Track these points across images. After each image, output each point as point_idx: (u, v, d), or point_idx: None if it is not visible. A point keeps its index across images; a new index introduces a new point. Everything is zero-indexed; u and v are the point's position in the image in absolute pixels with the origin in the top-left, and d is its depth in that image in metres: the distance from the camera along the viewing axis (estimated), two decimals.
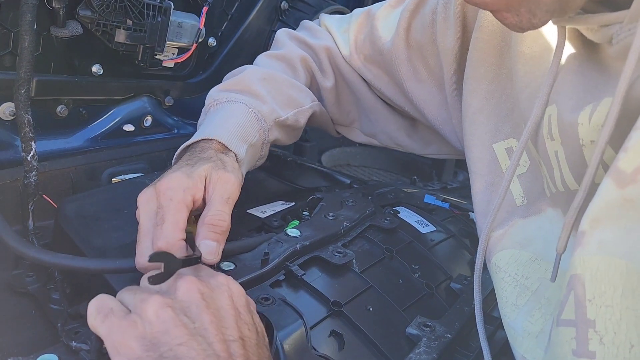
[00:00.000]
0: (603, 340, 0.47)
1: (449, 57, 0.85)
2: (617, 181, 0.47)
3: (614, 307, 0.47)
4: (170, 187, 0.66)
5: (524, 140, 0.66)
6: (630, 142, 0.47)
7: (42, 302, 0.69)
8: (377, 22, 0.96)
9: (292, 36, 1.05)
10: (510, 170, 0.68)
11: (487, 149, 0.77)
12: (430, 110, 0.93)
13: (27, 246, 0.64)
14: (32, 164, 0.76)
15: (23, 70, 0.75)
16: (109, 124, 1.02)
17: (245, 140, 0.82)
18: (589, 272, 0.48)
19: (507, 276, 0.70)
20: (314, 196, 0.92)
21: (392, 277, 0.78)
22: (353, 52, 0.99)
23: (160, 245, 0.61)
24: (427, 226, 0.93)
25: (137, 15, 0.90)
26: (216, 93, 0.90)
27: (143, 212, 0.65)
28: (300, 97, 0.96)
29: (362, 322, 0.67)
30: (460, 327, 0.71)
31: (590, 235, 0.49)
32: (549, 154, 0.64)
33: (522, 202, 0.72)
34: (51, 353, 0.53)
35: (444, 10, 0.85)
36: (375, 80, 0.98)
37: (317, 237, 0.76)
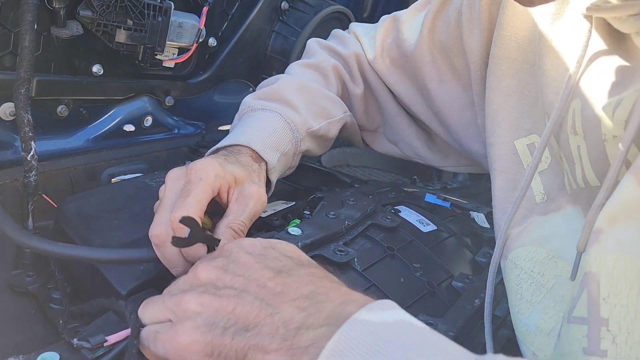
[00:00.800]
0: (616, 340, 0.46)
1: (476, 57, 0.85)
2: (638, 178, 0.47)
3: (629, 306, 0.46)
4: (203, 168, 0.66)
5: (546, 135, 0.65)
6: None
7: (42, 302, 0.69)
8: (402, 26, 0.97)
9: (322, 45, 1.05)
10: (532, 166, 0.67)
11: (509, 145, 0.76)
12: (453, 112, 0.93)
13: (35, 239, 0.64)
14: (32, 164, 0.76)
15: (23, 70, 0.75)
16: (110, 124, 1.02)
17: (278, 149, 0.83)
18: (604, 270, 0.48)
19: (524, 273, 0.69)
20: (314, 195, 0.92)
21: (393, 276, 0.78)
22: (378, 56, 0.99)
23: (176, 215, 0.61)
24: (429, 225, 0.93)
25: (138, 15, 0.90)
26: (251, 100, 0.90)
27: (169, 188, 0.66)
28: (333, 108, 0.96)
29: None
30: (463, 325, 0.71)
31: (607, 233, 0.48)
32: (572, 148, 0.63)
33: (542, 199, 0.71)
34: (52, 351, 0.53)
35: (469, 10, 0.84)
36: (397, 85, 0.98)
37: (318, 235, 0.76)
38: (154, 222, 0.63)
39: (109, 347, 0.54)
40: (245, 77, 1.25)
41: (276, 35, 1.23)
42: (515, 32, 0.77)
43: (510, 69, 0.78)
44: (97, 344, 0.53)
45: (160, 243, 0.62)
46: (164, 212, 0.63)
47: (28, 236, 0.63)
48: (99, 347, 0.54)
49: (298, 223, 0.81)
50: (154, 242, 0.63)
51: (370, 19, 1.65)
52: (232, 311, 0.48)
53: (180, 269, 0.64)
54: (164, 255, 0.63)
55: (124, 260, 0.65)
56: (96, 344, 0.53)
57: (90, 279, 0.68)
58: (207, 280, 0.53)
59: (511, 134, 0.76)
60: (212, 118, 1.22)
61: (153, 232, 0.62)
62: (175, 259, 0.63)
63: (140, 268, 0.67)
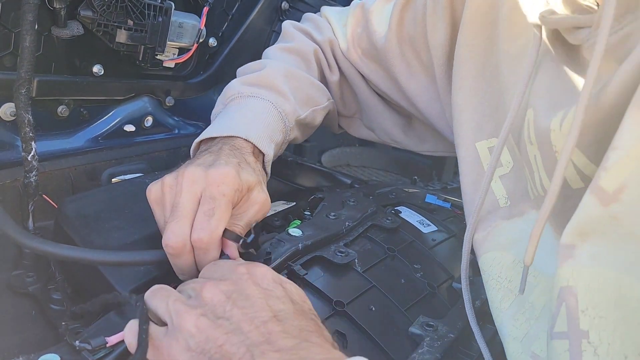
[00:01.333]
0: (597, 352, 0.47)
1: (439, 52, 0.84)
2: (600, 199, 0.47)
3: (607, 318, 0.47)
4: (225, 182, 0.66)
5: (501, 140, 0.66)
6: (609, 162, 0.46)
7: (43, 303, 0.69)
8: (371, 16, 0.96)
9: (298, 28, 1.05)
10: (489, 170, 0.68)
11: (471, 148, 0.76)
12: (424, 104, 0.92)
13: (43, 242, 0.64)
14: (33, 164, 0.76)
15: (24, 70, 0.75)
16: (110, 124, 1.01)
17: (272, 140, 0.82)
18: (581, 283, 0.48)
19: (491, 279, 0.69)
20: (315, 196, 0.92)
21: (394, 277, 0.78)
22: (350, 46, 0.98)
23: (203, 237, 0.62)
24: (429, 226, 0.93)
25: (138, 15, 0.90)
26: (239, 86, 0.88)
27: (186, 192, 0.65)
28: (318, 95, 0.96)
29: (365, 322, 0.67)
30: (463, 327, 0.71)
31: (581, 248, 0.49)
32: (530, 157, 0.64)
33: (506, 203, 0.71)
34: (53, 353, 0.53)
35: (433, 4, 0.84)
36: (372, 74, 0.98)
37: (319, 236, 0.76)
38: (170, 231, 0.62)
39: (109, 349, 0.54)
40: None
41: (276, 36, 1.23)
42: (478, 33, 0.77)
43: (473, 71, 0.77)
44: (98, 345, 0.53)
45: (175, 254, 0.62)
46: (182, 223, 0.63)
47: (31, 238, 0.64)
48: (100, 349, 0.54)
49: (298, 224, 0.81)
50: (168, 251, 0.62)
51: None
52: (221, 346, 0.49)
53: (189, 277, 0.64)
54: (178, 264, 0.63)
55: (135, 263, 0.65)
56: (97, 345, 0.53)
57: (90, 280, 0.68)
58: (210, 301, 0.52)
59: (473, 136, 0.76)
60: None
61: (169, 242, 0.62)
62: (188, 269, 0.64)
63: (141, 269, 0.67)
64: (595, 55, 0.49)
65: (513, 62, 0.70)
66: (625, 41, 0.51)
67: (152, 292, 0.56)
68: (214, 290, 0.53)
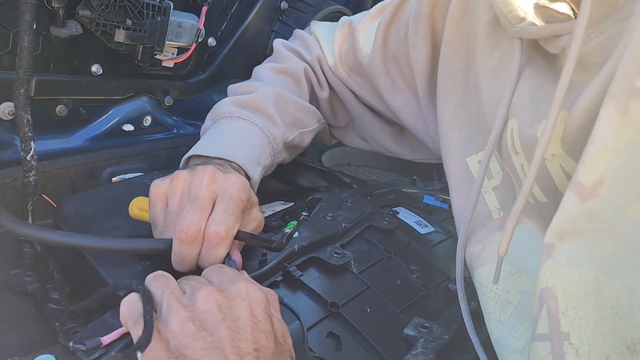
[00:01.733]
0: (579, 353, 0.47)
1: (421, 71, 0.86)
2: (579, 195, 0.47)
3: (587, 318, 0.47)
4: (244, 190, 0.69)
5: (487, 152, 0.66)
6: (587, 156, 0.47)
7: (41, 302, 0.69)
8: (358, 35, 0.98)
9: (289, 48, 1.06)
10: (478, 182, 0.68)
11: (461, 163, 0.77)
12: (409, 120, 0.94)
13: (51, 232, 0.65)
14: (32, 164, 0.76)
15: (22, 70, 0.75)
16: (109, 123, 1.01)
17: (259, 163, 0.83)
18: (560, 284, 0.49)
19: (489, 291, 0.69)
20: (313, 196, 0.92)
21: (390, 278, 0.78)
22: (337, 62, 1.00)
23: (220, 231, 0.63)
24: (426, 227, 0.93)
25: (137, 15, 0.90)
26: (229, 106, 0.90)
27: (206, 188, 0.66)
28: (307, 118, 0.97)
29: (360, 323, 0.67)
30: (458, 328, 0.71)
31: (559, 247, 0.49)
32: (516, 167, 0.64)
33: (499, 214, 0.71)
34: (48, 354, 0.54)
35: (415, 24, 0.85)
36: (359, 89, 1.00)
37: (315, 237, 0.76)
38: (187, 217, 0.63)
39: (104, 349, 0.54)
40: (244, 77, 1.23)
41: (275, 35, 1.23)
42: (458, 50, 0.78)
43: (458, 88, 0.78)
44: (92, 346, 0.54)
45: (187, 241, 0.63)
46: (200, 214, 0.64)
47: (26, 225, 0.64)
48: (94, 350, 0.54)
49: (295, 224, 0.81)
50: (180, 237, 0.63)
51: None
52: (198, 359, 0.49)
53: (186, 269, 0.65)
54: (183, 253, 0.64)
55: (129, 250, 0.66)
56: (92, 346, 0.54)
57: (88, 279, 0.69)
58: (201, 307, 0.52)
59: (462, 151, 0.77)
60: None
61: (185, 228, 0.63)
62: (189, 260, 0.64)
63: (138, 268, 0.67)
64: (569, 61, 0.50)
65: (490, 76, 0.70)
66: (606, 45, 0.51)
67: (153, 277, 0.57)
68: (208, 297, 0.53)
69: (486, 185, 0.72)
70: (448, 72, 0.79)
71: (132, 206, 0.73)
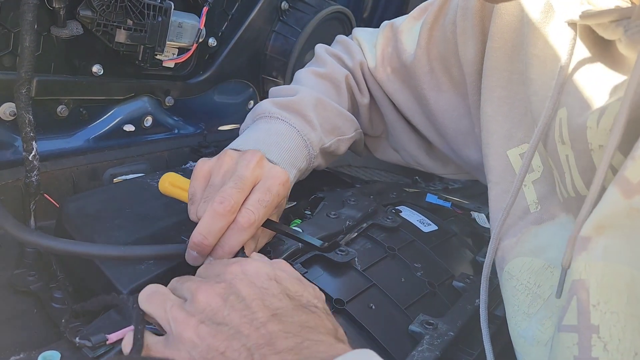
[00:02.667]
0: (607, 347, 0.46)
1: (471, 69, 0.85)
2: (624, 190, 0.46)
3: (619, 313, 0.46)
4: (285, 185, 0.70)
5: (533, 144, 0.65)
6: (638, 150, 0.46)
7: (44, 301, 0.69)
8: (401, 35, 0.97)
9: (331, 53, 1.05)
10: (520, 174, 0.67)
11: (502, 156, 0.76)
12: (452, 120, 0.93)
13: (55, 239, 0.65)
14: (34, 164, 0.76)
15: (24, 70, 0.75)
16: (110, 124, 1.01)
17: (294, 166, 0.83)
18: (594, 277, 0.48)
19: (520, 284, 0.68)
20: (316, 195, 0.92)
21: (394, 276, 0.78)
22: (379, 64, 0.99)
23: (250, 218, 0.65)
24: (429, 225, 0.93)
25: (138, 15, 0.90)
26: (269, 106, 0.89)
27: (251, 171, 0.68)
28: (345, 125, 0.97)
29: (365, 320, 0.67)
30: (463, 325, 0.71)
31: (595, 241, 0.48)
32: (560, 158, 0.63)
33: (536, 208, 0.70)
34: (54, 350, 0.53)
35: (463, 22, 0.84)
36: (397, 94, 0.98)
37: (319, 235, 0.76)
38: (230, 191, 0.64)
39: (110, 346, 0.54)
40: (245, 78, 1.25)
41: (276, 36, 1.23)
42: (504, 43, 0.77)
43: (501, 80, 0.78)
44: (98, 342, 0.53)
45: (223, 213, 0.64)
46: (241, 193, 0.65)
47: (31, 232, 0.64)
48: (100, 346, 0.54)
49: (299, 223, 0.81)
50: (217, 208, 0.63)
51: (370, 20, 1.65)
52: (223, 353, 0.49)
53: (207, 243, 0.65)
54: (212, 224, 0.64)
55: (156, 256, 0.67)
56: (97, 342, 0.53)
57: (91, 278, 0.68)
58: (207, 306, 0.52)
59: (504, 144, 0.76)
60: (212, 118, 1.21)
61: (224, 199, 0.63)
62: (215, 232, 0.65)
63: (141, 267, 0.67)
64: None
65: (542, 66, 0.69)
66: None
67: (147, 297, 0.56)
68: (209, 293, 0.53)
69: (526, 178, 0.71)
70: (493, 65, 0.78)
71: (164, 180, 0.73)
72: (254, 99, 1.29)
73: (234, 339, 0.49)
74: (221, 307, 0.52)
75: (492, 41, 0.78)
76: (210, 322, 0.51)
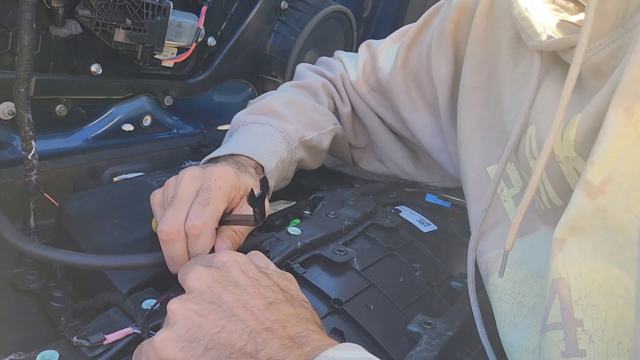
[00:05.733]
0: (592, 339, 0.49)
1: (443, 87, 0.89)
2: (588, 193, 0.50)
3: (599, 306, 0.49)
4: (223, 178, 0.68)
5: (504, 159, 0.69)
6: (594, 155, 0.49)
7: (44, 300, 0.69)
8: (379, 55, 1.02)
9: (311, 69, 1.09)
10: (492, 186, 0.70)
11: (482, 173, 0.79)
12: (427, 138, 0.97)
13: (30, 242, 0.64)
14: (33, 163, 0.76)
15: (23, 69, 0.75)
16: (108, 123, 1.01)
17: (274, 156, 0.84)
18: (572, 274, 0.51)
19: (505, 295, 0.70)
20: (315, 195, 0.92)
21: (392, 276, 0.78)
22: (360, 79, 1.03)
23: (196, 223, 0.63)
24: (429, 225, 0.93)
25: (137, 14, 0.90)
26: (242, 116, 0.92)
27: (185, 185, 0.67)
28: (323, 120, 0.98)
29: (363, 320, 0.67)
30: (461, 325, 0.71)
31: (570, 242, 0.51)
32: (533, 172, 0.64)
33: None
34: (52, 349, 0.53)
35: (438, 42, 0.88)
36: (379, 107, 1.02)
37: (318, 235, 0.76)
38: (166, 217, 0.63)
39: (108, 346, 0.54)
40: (244, 77, 1.25)
41: (275, 35, 1.23)
42: (481, 65, 0.81)
43: (479, 100, 0.81)
44: (96, 342, 0.53)
45: (169, 240, 0.63)
46: (178, 211, 0.64)
47: (29, 242, 0.64)
48: (98, 346, 0.54)
49: (298, 223, 0.81)
50: (162, 237, 0.63)
51: (370, 19, 1.65)
52: (217, 333, 0.48)
53: (179, 266, 0.64)
54: (169, 252, 0.63)
55: (128, 267, 0.65)
56: (95, 342, 0.53)
57: (91, 278, 0.68)
58: (198, 287, 0.52)
59: (484, 161, 0.79)
60: (211, 118, 1.22)
61: (164, 227, 0.62)
62: (179, 258, 0.64)
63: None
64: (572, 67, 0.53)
65: (514, 87, 0.73)
66: (616, 54, 0.54)
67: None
68: (199, 274, 0.53)
69: (506, 193, 0.74)
70: (470, 85, 0.82)
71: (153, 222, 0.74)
72: (253, 99, 1.29)
73: (229, 320, 0.49)
74: (213, 287, 0.52)
75: (469, 63, 0.82)
76: (202, 300, 0.50)
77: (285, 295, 0.54)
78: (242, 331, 0.48)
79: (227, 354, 0.48)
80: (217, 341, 0.48)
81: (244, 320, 0.49)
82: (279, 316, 0.51)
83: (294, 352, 0.47)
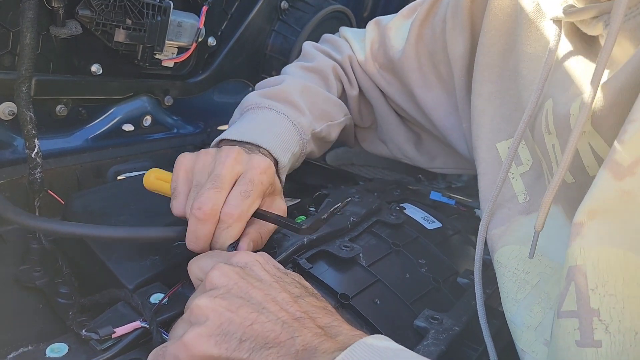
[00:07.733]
0: (609, 329, 0.47)
1: (459, 64, 0.87)
2: (615, 173, 0.48)
3: (616, 295, 0.47)
4: (267, 173, 0.69)
5: (519, 133, 0.67)
6: (626, 134, 0.47)
7: (50, 296, 0.68)
8: (389, 32, 0.99)
9: (319, 49, 1.07)
10: (506, 164, 0.69)
11: (491, 149, 0.78)
12: (439, 116, 0.95)
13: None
14: (37, 161, 0.75)
15: (24, 68, 0.74)
16: (109, 123, 1.01)
17: (288, 150, 0.83)
18: (590, 262, 0.49)
19: (508, 271, 0.70)
20: (320, 192, 0.92)
21: (398, 272, 0.78)
22: (369, 58, 1.01)
23: (233, 213, 0.63)
24: (433, 222, 0.93)
25: (137, 14, 0.90)
26: (256, 97, 0.90)
27: (229, 168, 0.66)
28: (334, 111, 0.98)
29: (370, 315, 0.67)
30: (468, 320, 0.71)
31: (588, 226, 0.49)
32: (547, 147, 0.65)
33: (525, 199, 0.72)
34: (62, 342, 0.53)
35: (453, 19, 0.86)
36: (388, 87, 1.00)
37: (324, 231, 0.76)
38: (207, 197, 0.63)
39: (116, 339, 0.54)
40: (244, 77, 1.25)
41: (276, 35, 1.23)
42: (496, 40, 0.79)
43: (492, 75, 0.80)
44: (105, 335, 0.53)
45: (203, 219, 0.62)
46: (219, 194, 0.64)
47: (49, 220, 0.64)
48: (107, 339, 0.53)
49: (303, 219, 0.81)
50: (197, 215, 0.62)
51: (370, 19, 1.64)
52: (250, 326, 0.48)
53: (200, 249, 0.64)
54: (198, 231, 0.63)
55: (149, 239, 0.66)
56: (104, 335, 0.53)
57: (97, 274, 0.68)
58: (223, 284, 0.52)
59: (493, 137, 0.78)
60: (211, 117, 1.21)
61: (203, 206, 0.62)
62: (204, 239, 0.64)
63: (146, 263, 0.67)
64: (610, 33, 0.50)
65: (533, 62, 0.72)
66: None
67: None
68: (223, 272, 0.53)
69: (514, 171, 0.73)
70: (485, 61, 0.81)
71: (149, 174, 0.73)
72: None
73: (261, 313, 0.49)
74: (240, 282, 0.52)
75: (484, 37, 0.80)
76: (231, 295, 0.51)
77: (307, 290, 0.55)
78: (274, 322, 0.49)
79: (262, 344, 0.48)
80: (250, 333, 0.48)
81: (275, 312, 0.49)
82: (308, 308, 0.51)
83: (328, 341, 0.48)
